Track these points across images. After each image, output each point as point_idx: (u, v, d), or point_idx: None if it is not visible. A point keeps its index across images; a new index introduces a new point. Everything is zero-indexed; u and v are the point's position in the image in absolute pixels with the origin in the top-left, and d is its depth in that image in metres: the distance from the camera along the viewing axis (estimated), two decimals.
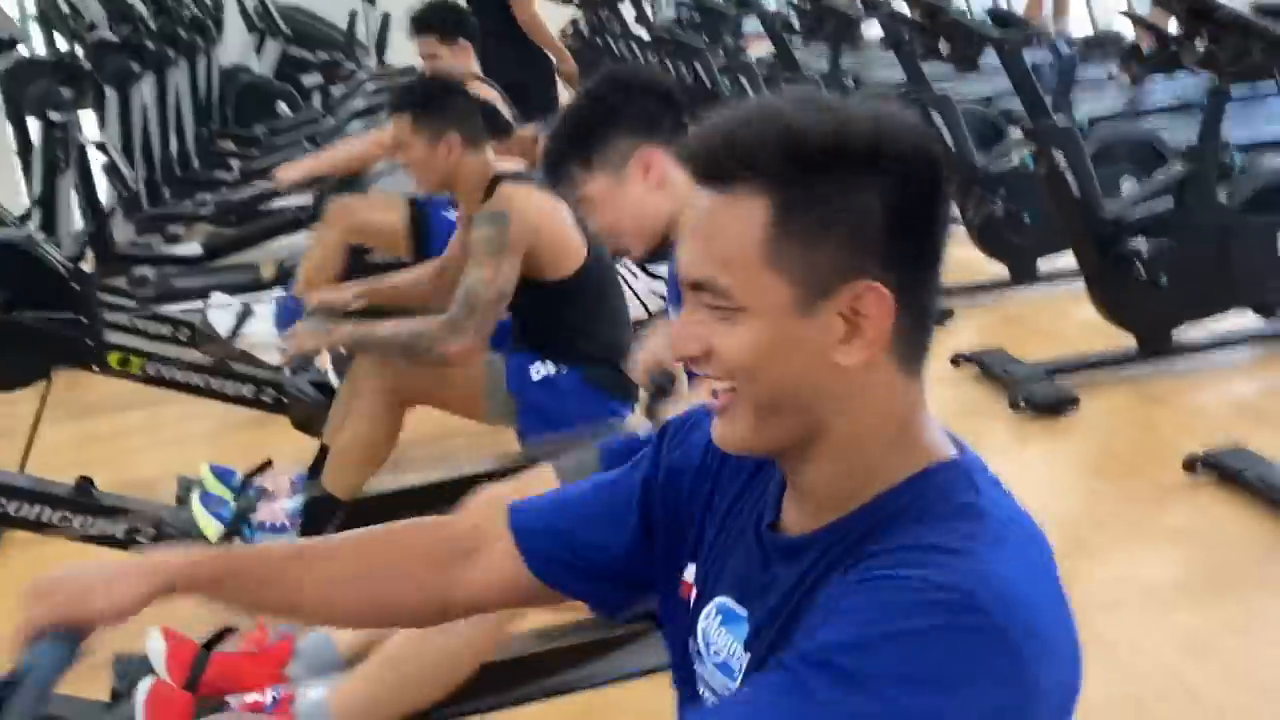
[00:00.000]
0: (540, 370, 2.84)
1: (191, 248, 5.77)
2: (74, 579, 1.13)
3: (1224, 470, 3.00)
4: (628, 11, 8.08)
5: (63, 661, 1.10)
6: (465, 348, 2.70)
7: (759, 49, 7.33)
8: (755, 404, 0.96)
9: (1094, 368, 3.77)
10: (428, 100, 2.90)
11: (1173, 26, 3.34)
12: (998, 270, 4.71)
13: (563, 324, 2.85)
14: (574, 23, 9.54)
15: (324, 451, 3.03)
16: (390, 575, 1.19)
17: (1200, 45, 3.09)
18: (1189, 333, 3.84)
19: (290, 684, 2.04)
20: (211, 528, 2.74)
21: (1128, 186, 4.22)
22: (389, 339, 2.80)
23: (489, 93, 4.01)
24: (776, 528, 1.03)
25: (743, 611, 1.04)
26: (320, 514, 2.72)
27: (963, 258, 4.95)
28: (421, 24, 4.35)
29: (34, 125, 5.13)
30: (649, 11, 7.90)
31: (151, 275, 5.75)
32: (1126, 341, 3.81)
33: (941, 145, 0.93)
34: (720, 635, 1.05)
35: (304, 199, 5.87)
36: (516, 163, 3.16)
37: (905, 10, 4.28)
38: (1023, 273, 4.66)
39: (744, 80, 6.35)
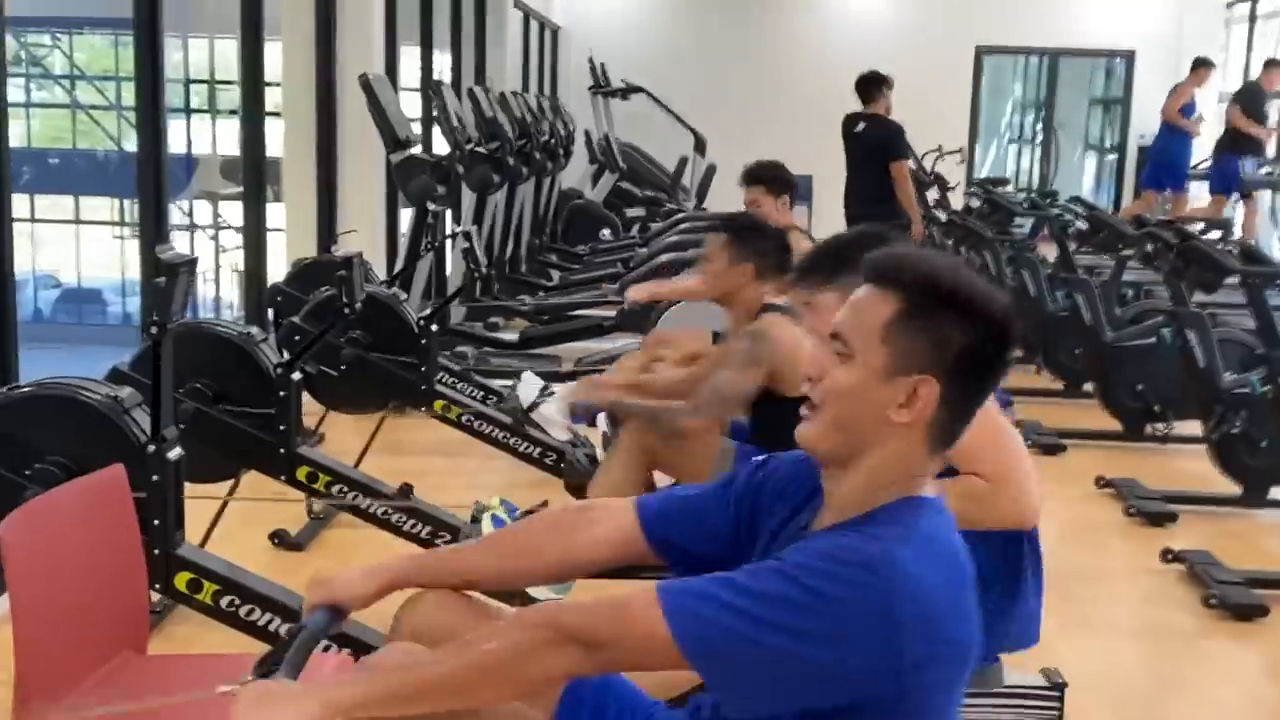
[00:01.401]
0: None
1: (510, 336, 6.64)
2: (338, 578, 1.76)
3: None
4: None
5: (327, 627, 1.72)
6: (699, 427, 3.29)
7: (1049, 249, 7.75)
8: (831, 419, 1.50)
9: None
10: (742, 231, 3.57)
11: None
12: (1230, 488, 4.93)
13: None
14: None
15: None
16: (526, 552, 1.77)
17: None
18: None
19: None
20: None
21: None
22: (643, 407, 3.44)
23: (803, 243, 4.71)
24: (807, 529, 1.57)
25: None
26: None
27: (1197, 469, 5.20)
28: (752, 177, 5.11)
29: (408, 213, 6.13)
30: (948, 199, 8.50)
31: (470, 352, 6.68)
32: None
33: (1018, 324, 1.51)
34: None
35: (609, 312, 6.71)
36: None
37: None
38: (1254, 495, 4.85)
39: (1026, 274, 6.79)
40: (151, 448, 2.64)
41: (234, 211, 14.19)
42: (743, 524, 1.67)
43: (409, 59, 8.55)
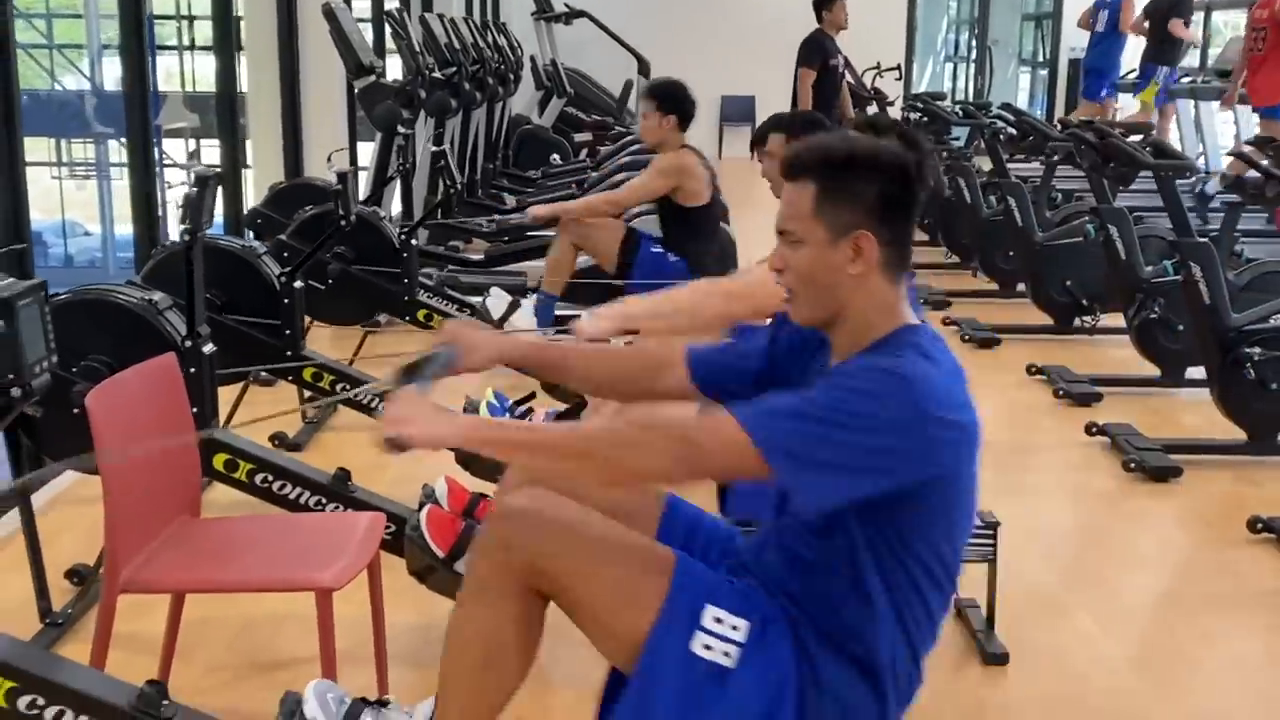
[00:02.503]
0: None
1: (476, 255, 6.94)
2: (469, 334, 2.15)
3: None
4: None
5: (450, 360, 2.08)
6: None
7: (986, 163, 8.14)
8: (807, 295, 1.85)
9: (1205, 451, 4.43)
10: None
11: None
12: (1151, 370, 5.36)
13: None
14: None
15: (572, 405, 4.02)
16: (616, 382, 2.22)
17: None
18: None
19: None
20: None
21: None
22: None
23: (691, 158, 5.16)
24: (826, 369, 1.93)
25: None
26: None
27: (1122, 356, 5.64)
28: (647, 93, 5.37)
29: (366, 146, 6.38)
30: (887, 113, 8.86)
31: (434, 273, 6.97)
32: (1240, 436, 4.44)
33: (913, 158, 1.83)
34: None
35: None
36: None
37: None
38: (1172, 376, 5.29)
39: (961, 181, 7.18)
40: (189, 343, 2.95)
41: (175, 149, 14.32)
42: (772, 365, 2.07)
43: None
